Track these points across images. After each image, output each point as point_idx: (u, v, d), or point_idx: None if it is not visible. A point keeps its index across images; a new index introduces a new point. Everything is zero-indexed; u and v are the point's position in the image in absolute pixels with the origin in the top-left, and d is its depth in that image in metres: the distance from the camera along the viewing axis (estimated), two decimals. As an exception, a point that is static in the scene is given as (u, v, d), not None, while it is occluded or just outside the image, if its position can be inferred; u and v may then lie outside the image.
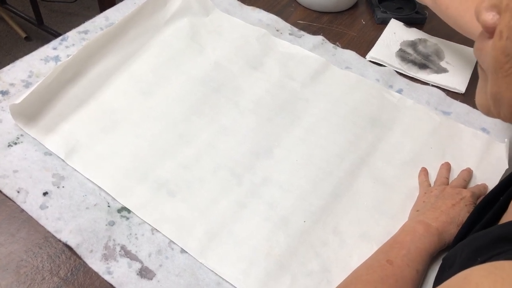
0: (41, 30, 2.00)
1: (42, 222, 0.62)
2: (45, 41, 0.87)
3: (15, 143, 0.70)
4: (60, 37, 0.87)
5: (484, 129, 0.77)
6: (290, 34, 0.92)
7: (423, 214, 0.61)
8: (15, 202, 0.63)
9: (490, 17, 0.37)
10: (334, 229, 0.63)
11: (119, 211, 0.64)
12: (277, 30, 0.93)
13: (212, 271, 0.59)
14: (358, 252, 0.61)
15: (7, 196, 0.64)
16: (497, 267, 0.33)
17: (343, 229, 0.63)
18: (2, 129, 0.71)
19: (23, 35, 2.04)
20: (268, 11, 0.96)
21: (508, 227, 0.38)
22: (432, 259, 0.58)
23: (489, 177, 0.70)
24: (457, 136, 0.75)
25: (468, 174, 0.69)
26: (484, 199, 0.52)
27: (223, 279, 0.58)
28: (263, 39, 0.89)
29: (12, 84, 0.78)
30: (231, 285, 0.58)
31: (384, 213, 0.66)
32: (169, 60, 0.84)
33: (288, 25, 0.94)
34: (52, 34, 1.94)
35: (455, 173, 0.70)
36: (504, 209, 0.45)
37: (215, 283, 0.58)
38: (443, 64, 0.87)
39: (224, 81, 0.81)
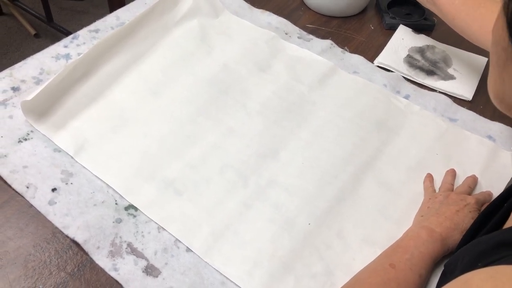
0: (50, 28, 2.02)
1: (50, 217, 0.62)
2: (54, 38, 0.88)
3: (25, 139, 0.71)
4: (71, 36, 0.88)
5: (490, 137, 0.77)
6: (299, 37, 0.93)
7: (427, 220, 0.61)
8: (24, 197, 0.64)
9: None
10: (339, 232, 0.64)
11: (126, 208, 0.64)
12: (286, 34, 0.93)
13: (217, 270, 0.59)
14: (361, 256, 0.62)
15: (16, 191, 0.65)
16: (498, 271, 0.33)
17: (347, 232, 0.64)
18: (13, 125, 0.72)
19: (33, 32, 2.05)
20: (277, 14, 0.97)
21: (510, 233, 0.39)
22: (435, 265, 0.59)
23: (494, 185, 0.70)
24: (463, 143, 0.76)
25: (473, 181, 0.69)
26: (488, 207, 0.53)
27: (227, 278, 0.59)
28: (272, 42, 0.90)
29: (23, 81, 0.79)
30: (236, 285, 0.58)
31: (388, 217, 0.66)
32: (178, 61, 0.85)
33: (297, 29, 0.95)
34: (61, 31, 1.95)
35: (460, 180, 0.71)
36: (507, 216, 0.45)
37: (220, 282, 0.58)
38: (450, 71, 0.88)
39: (232, 83, 0.82)
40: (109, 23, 0.91)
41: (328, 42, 0.92)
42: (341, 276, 0.59)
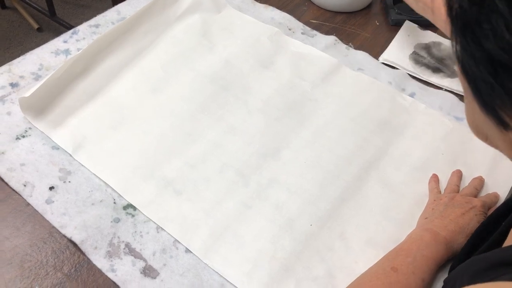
0: (53, 22, 2.01)
1: (48, 217, 0.61)
2: (56, 32, 0.87)
3: (23, 136, 0.70)
4: (71, 30, 0.87)
5: (497, 137, 0.75)
6: (302, 33, 0.91)
7: (431, 222, 0.60)
8: (21, 196, 0.63)
9: None
10: (341, 234, 0.63)
11: (125, 208, 0.63)
12: (290, 29, 0.92)
13: (216, 272, 0.58)
14: (364, 259, 0.60)
15: (13, 189, 0.64)
16: (495, 287, 0.32)
17: (350, 234, 0.63)
18: (11, 122, 0.71)
19: (36, 26, 2.04)
20: (280, 10, 0.95)
21: (508, 252, 0.38)
22: (439, 269, 0.57)
23: (501, 186, 0.68)
24: (470, 143, 0.74)
25: (479, 183, 0.67)
26: (493, 214, 0.51)
27: (227, 280, 0.58)
28: (275, 38, 0.88)
29: (22, 77, 0.78)
30: (235, 287, 0.57)
31: (391, 219, 0.65)
32: (179, 57, 0.83)
33: (300, 24, 0.93)
34: (64, 25, 1.94)
35: (466, 181, 0.69)
36: (507, 232, 0.44)
37: (219, 284, 0.57)
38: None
39: (233, 80, 0.81)
40: (110, 18, 0.90)
41: (332, 38, 0.90)
42: (342, 279, 0.58)
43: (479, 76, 0.33)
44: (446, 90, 0.83)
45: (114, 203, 0.64)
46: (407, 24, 0.94)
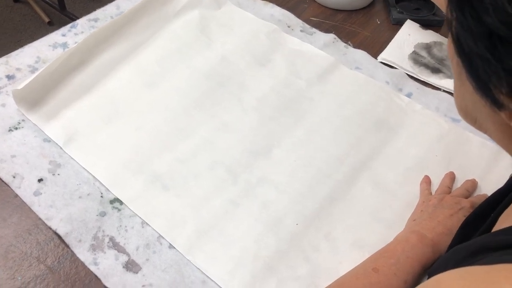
0: (64, 16, 2.02)
1: (35, 208, 0.62)
2: (66, 26, 0.87)
3: (16, 128, 0.70)
4: (70, 24, 0.87)
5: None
6: (301, 31, 0.90)
7: (419, 224, 0.59)
8: (10, 187, 0.64)
9: None
10: (327, 234, 0.62)
11: (112, 202, 0.63)
12: (289, 26, 0.91)
13: (199, 269, 0.58)
14: (349, 260, 0.59)
15: (2, 181, 0.64)
16: (468, 272, 0.32)
17: (336, 235, 0.62)
18: (5, 114, 0.72)
19: (46, 20, 2.06)
20: (281, 7, 0.94)
21: (488, 238, 0.37)
22: (425, 272, 0.56)
23: (494, 189, 0.66)
24: (465, 145, 0.73)
25: (472, 185, 0.66)
26: (482, 206, 0.50)
27: (208, 277, 0.57)
28: (273, 35, 0.88)
29: (18, 69, 0.78)
30: (216, 284, 0.57)
31: (381, 220, 0.64)
32: (176, 53, 0.83)
33: (300, 22, 0.92)
34: (73, 19, 1.95)
35: (459, 184, 0.68)
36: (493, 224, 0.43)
37: (200, 281, 0.57)
38: (457, 69, 0.84)
39: (229, 76, 0.80)
40: (109, 12, 0.90)
41: (331, 36, 0.89)
42: (326, 280, 0.57)
43: (475, 52, 0.31)
44: (443, 90, 0.81)
45: (101, 197, 0.64)
46: (409, 23, 0.92)
